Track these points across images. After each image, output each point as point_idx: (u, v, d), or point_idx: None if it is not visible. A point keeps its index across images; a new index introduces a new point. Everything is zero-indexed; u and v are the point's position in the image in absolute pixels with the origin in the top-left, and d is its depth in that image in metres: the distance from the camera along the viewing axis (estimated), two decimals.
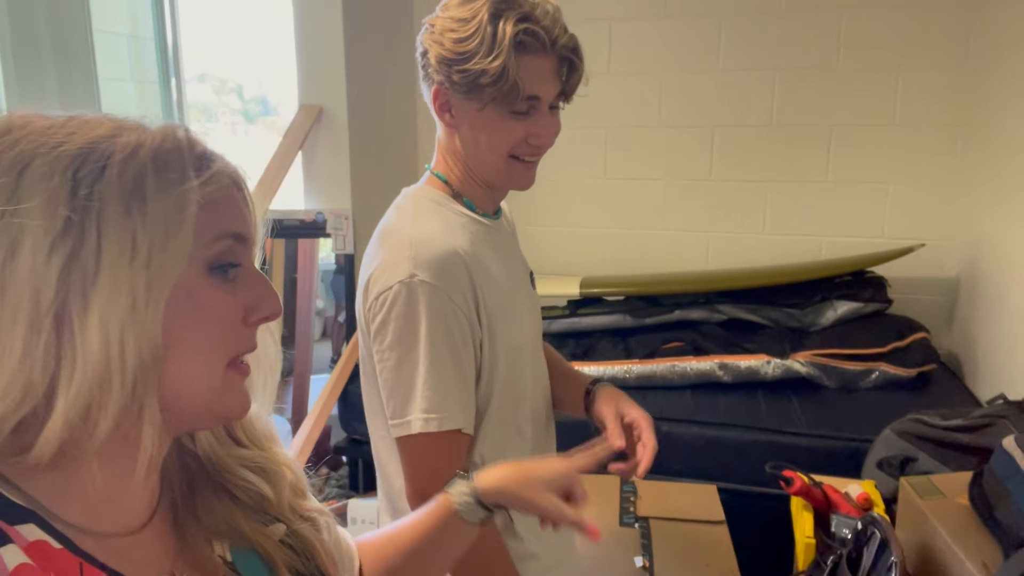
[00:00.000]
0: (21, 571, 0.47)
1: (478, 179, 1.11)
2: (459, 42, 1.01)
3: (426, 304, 0.99)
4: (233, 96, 5.62)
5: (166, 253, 0.50)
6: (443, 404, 1.00)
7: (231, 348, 0.56)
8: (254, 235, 0.60)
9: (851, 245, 2.73)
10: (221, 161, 0.57)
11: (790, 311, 2.52)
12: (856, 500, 1.58)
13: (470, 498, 0.78)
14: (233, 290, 0.56)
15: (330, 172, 2.65)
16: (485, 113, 1.04)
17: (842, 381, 2.32)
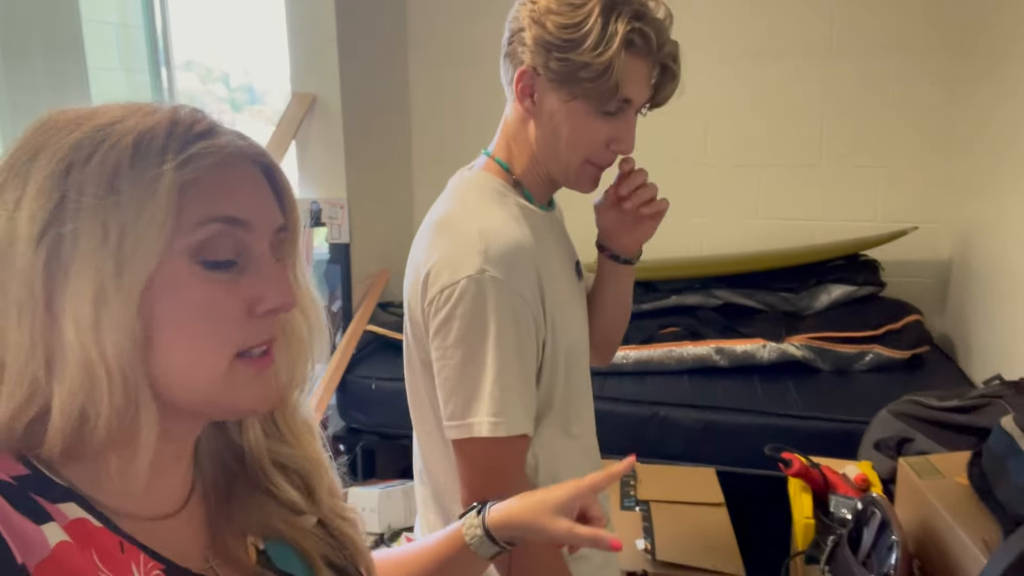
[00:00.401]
0: (61, 549, 0.47)
1: (542, 172, 1.06)
2: (565, 28, 0.95)
3: (495, 301, 0.93)
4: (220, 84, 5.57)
5: (138, 240, 0.49)
6: (510, 407, 0.95)
7: (232, 341, 0.53)
8: (265, 219, 0.56)
9: (844, 229, 2.74)
10: (222, 140, 0.53)
11: (785, 295, 2.54)
12: (854, 481, 1.60)
13: (480, 532, 0.76)
14: (232, 280, 0.53)
15: (324, 161, 2.63)
16: (572, 106, 0.99)
17: (837, 364, 2.35)
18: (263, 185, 0.58)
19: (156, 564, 0.53)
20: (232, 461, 0.64)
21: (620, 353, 2.38)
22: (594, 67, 0.95)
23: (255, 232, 0.55)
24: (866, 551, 1.24)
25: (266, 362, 0.56)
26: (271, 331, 0.56)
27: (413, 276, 1.02)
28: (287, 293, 0.56)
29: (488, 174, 1.06)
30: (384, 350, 2.59)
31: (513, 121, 1.06)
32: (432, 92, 3.06)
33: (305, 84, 2.59)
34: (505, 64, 1.03)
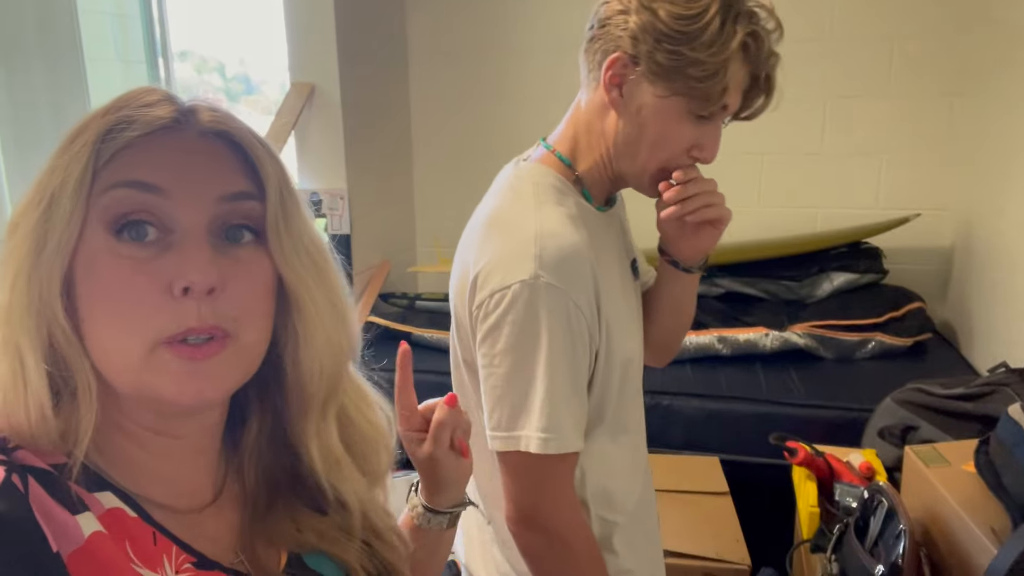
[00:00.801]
0: (95, 539, 0.47)
1: (610, 171, 0.98)
2: (681, 18, 0.87)
3: (549, 309, 0.87)
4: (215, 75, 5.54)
5: (53, 219, 0.49)
6: (561, 423, 0.89)
7: (147, 325, 0.49)
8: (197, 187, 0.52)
9: (846, 216, 2.74)
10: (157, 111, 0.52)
11: (787, 283, 2.53)
12: (859, 469, 1.61)
13: (421, 509, 0.76)
14: (149, 258, 0.50)
15: (324, 151, 2.62)
16: (667, 103, 0.91)
17: (839, 352, 2.35)
18: (213, 153, 0.54)
19: (188, 556, 0.53)
20: (281, 476, 0.62)
21: None
22: (707, 66, 0.88)
23: (176, 201, 0.51)
24: (873, 539, 1.25)
25: (202, 352, 0.51)
26: (203, 318, 0.50)
27: (460, 276, 0.96)
28: (203, 270, 0.50)
29: (546, 168, 0.98)
30: (385, 341, 2.58)
31: (589, 111, 0.97)
32: (432, 81, 3.04)
33: (303, 74, 2.58)
34: (591, 47, 0.94)
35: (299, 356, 0.58)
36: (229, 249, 0.53)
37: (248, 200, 0.54)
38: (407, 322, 2.60)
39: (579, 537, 0.95)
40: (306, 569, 0.60)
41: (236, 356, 0.53)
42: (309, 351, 0.57)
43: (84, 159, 0.49)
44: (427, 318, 2.63)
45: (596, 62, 0.93)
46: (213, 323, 0.51)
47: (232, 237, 0.54)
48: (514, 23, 2.89)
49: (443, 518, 0.76)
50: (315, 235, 0.58)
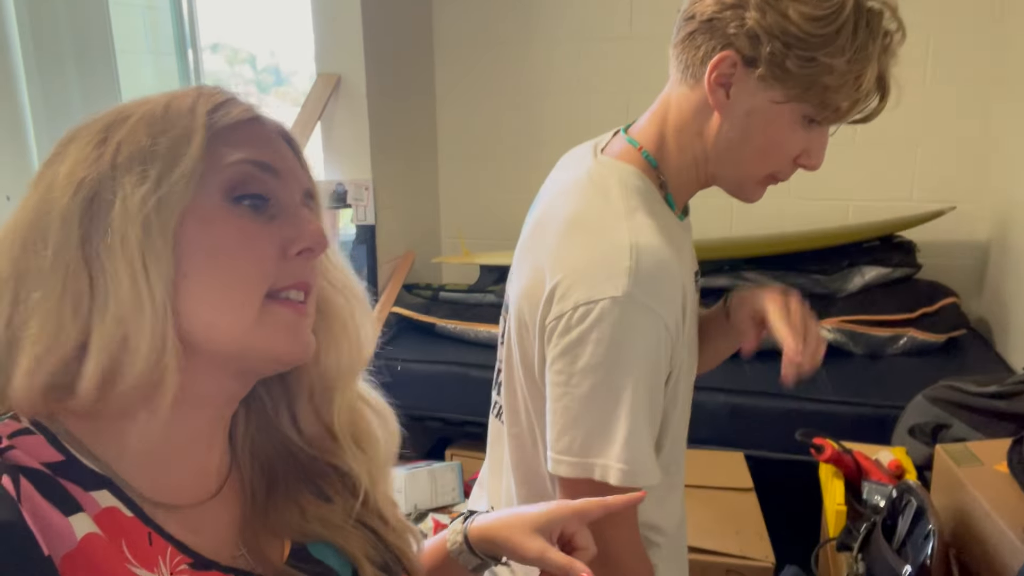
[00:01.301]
0: (89, 541, 0.47)
1: (703, 175, 0.91)
2: (815, 20, 0.79)
3: (641, 332, 0.80)
4: (246, 66, 5.60)
5: (175, 177, 0.51)
6: (643, 455, 0.82)
7: (264, 280, 0.54)
8: (295, 175, 0.58)
9: (879, 209, 2.67)
10: (246, 104, 0.57)
11: (816, 277, 2.48)
12: (887, 467, 1.57)
13: (461, 540, 0.73)
14: (266, 222, 0.55)
15: (349, 142, 2.62)
16: (784, 109, 0.83)
17: (869, 348, 2.30)
18: (289, 150, 0.59)
19: (183, 558, 0.52)
20: (279, 463, 0.62)
21: None
22: (844, 74, 0.80)
23: (286, 183, 0.57)
24: (900, 539, 1.22)
25: (303, 308, 0.56)
26: (306, 274, 0.57)
27: (531, 278, 0.88)
28: (321, 235, 0.57)
29: (632, 168, 0.90)
30: (409, 332, 2.59)
31: (685, 110, 0.88)
32: (458, 72, 3.03)
33: (330, 64, 2.58)
34: (690, 41, 0.85)
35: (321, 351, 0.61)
36: None
37: (313, 202, 0.60)
38: (431, 313, 2.60)
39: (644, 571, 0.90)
40: (310, 559, 0.60)
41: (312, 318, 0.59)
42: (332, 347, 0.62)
43: (202, 130, 0.52)
44: (451, 309, 2.63)
45: (698, 58, 0.85)
46: (313, 281, 0.58)
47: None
48: (540, 13, 2.87)
49: (476, 561, 0.73)
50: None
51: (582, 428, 0.82)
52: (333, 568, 0.60)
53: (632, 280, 0.79)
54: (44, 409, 0.50)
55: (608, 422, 0.81)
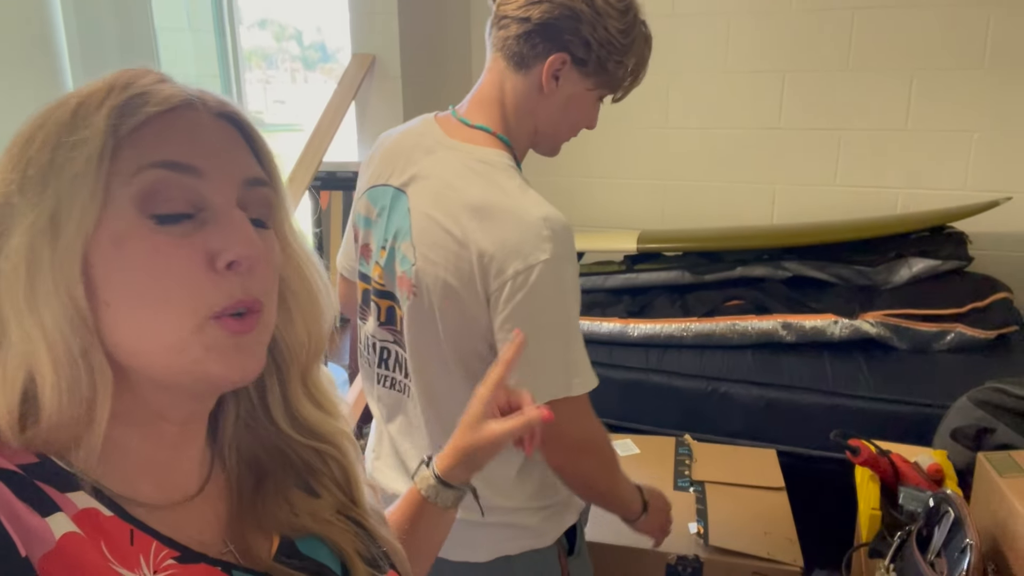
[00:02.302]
0: (68, 540, 0.46)
1: (530, 143, 1.14)
2: (623, 32, 1.06)
3: (568, 280, 1.01)
4: (293, 43, 5.62)
5: (73, 196, 0.47)
6: (586, 367, 1.05)
7: (193, 300, 0.49)
8: (225, 168, 0.52)
9: (930, 198, 2.57)
10: (168, 90, 0.51)
11: (861, 268, 2.39)
12: (927, 471, 1.51)
13: (433, 481, 0.78)
14: (186, 233, 0.50)
15: (383, 123, 2.60)
16: (590, 94, 1.11)
17: (914, 343, 2.21)
18: (229, 135, 0.54)
19: (170, 551, 0.51)
20: (266, 458, 0.62)
21: (680, 325, 2.30)
22: (633, 68, 1.10)
23: (210, 181, 0.51)
24: (936, 551, 1.16)
25: (246, 326, 0.51)
26: (247, 290, 0.51)
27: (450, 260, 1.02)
28: (249, 243, 0.51)
29: (501, 152, 1.08)
30: None
31: (520, 94, 1.09)
32: None
33: (365, 45, 2.56)
34: (530, 38, 1.05)
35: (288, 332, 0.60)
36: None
37: (263, 187, 0.55)
38: None
39: (608, 442, 1.14)
40: (299, 555, 0.59)
41: (265, 332, 0.54)
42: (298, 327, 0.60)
43: (102, 133, 0.48)
44: None
45: (533, 54, 1.06)
46: (254, 296, 0.52)
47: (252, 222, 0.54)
48: None
49: (451, 494, 0.78)
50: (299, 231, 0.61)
51: (554, 364, 1.03)
52: (323, 563, 0.59)
53: (553, 244, 0.98)
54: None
55: (568, 352, 1.03)
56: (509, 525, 1.14)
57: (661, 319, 2.34)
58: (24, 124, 0.50)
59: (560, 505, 1.18)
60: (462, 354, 1.06)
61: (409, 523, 0.77)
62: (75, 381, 0.47)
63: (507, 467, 1.13)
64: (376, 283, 1.15)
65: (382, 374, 1.20)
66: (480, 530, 1.11)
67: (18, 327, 0.47)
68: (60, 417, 0.47)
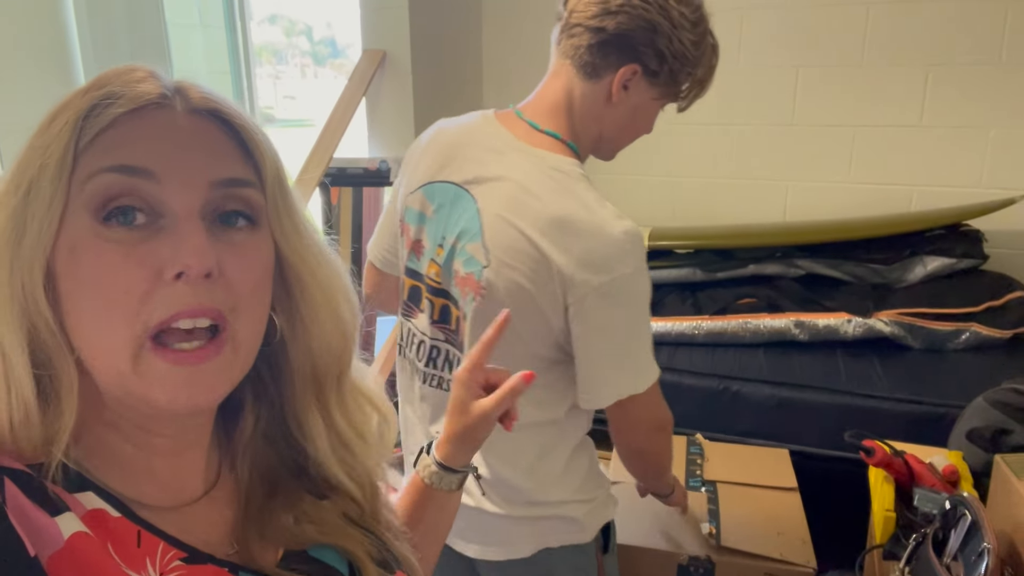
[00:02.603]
0: (76, 540, 0.46)
1: (588, 151, 1.17)
2: (694, 45, 1.08)
3: (646, 291, 1.07)
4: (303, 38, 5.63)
5: (36, 202, 0.46)
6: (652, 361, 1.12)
7: (134, 313, 0.46)
8: (190, 169, 0.49)
9: (945, 195, 2.54)
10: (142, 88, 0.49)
11: (875, 267, 2.37)
12: (942, 472, 1.49)
13: (434, 467, 0.78)
14: (136, 242, 0.47)
15: (394, 119, 2.60)
16: (656, 103, 1.15)
17: (929, 342, 2.19)
18: (204, 133, 0.51)
19: (177, 552, 0.51)
20: (282, 470, 0.60)
21: (691, 323, 2.29)
22: (701, 79, 1.14)
23: (168, 185, 0.48)
24: (952, 555, 1.15)
25: (195, 357, 0.48)
26: (199, 302, 0.47)
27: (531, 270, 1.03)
28: (199, 254, 0.47)
29: (573, 162, 1.09)
30: None
31: (588, 101, 1.11)
32: (506, 51, 2.97)
33: (375, 40, 2.55)
34: (604, 48, 1.07)
35: (309, 338, 0.57)
36: (224, 233, 0.50)
37: (243, 187, 0.51)
38: None
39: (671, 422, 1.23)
40: (305, 558, 0.58)
41: (232, 357, 0.50)
42: (317, 331, 0.57)
43: (64, 139, 0.47)
44: None
45: (605, 63, 1.08)
46: (210, 305, 0.48)
47: (226, 221, 0.51)
48: None
49: (454, 478, 0.78)
50: (308, 215, 0.57)
51: (631, 363, 1.09)
52: (330, 564, 0.59)
53: (634, 257, 1.04)
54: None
55: (643, 353, 1.09)
56: (555, 518, 1.16)
57: (672, 317, 2.32)
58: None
59: (603, 499, 1.22)
60: (527, 357, 1.08)
61: (416, 510, 0.77)
62: (17, 387, 0.46)
63: (555, 462, 1.16)
64: (431, 281, 1.13)
65: (429, 372, 1.17)
66: (524, 525, 1.16)
67: None
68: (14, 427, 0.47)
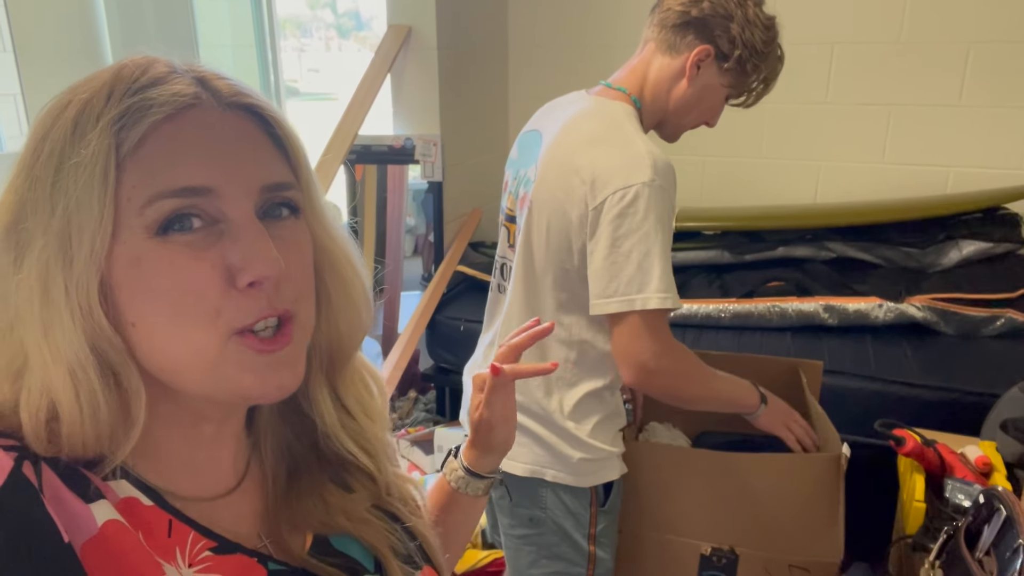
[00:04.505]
0: (109, 527, 0.46)
1: (656, 121, 1.29)
2: (765, 43, 1.23)
3: (664, 204, 1.14)
4: (327, 11, 5.61)
5: (81, 226, 0.45)
6: (670, 286, 1.15)
7: (214, 315, 0.48)
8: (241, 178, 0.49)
9: (983, 178, 2.47)
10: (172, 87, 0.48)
11: (908, 250, 2.32)
12: (974, 463, 1.46)
13: (461, 472, 0.79)
14: (201, 243, 0.48)
15: (419, 96, 2.57)
16: (724, 90, 1.27)
17: (962, 328, 2.13)
18: (244, 134, 0.51)
19: (207, 542, 0.51)
20: (302, 453, 0.61)
21: (718, 306, 2.26)
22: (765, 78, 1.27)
23: (226, 196, 0.48)
24: (984, 549, 1.12)
25: (277, 344, 0.50)
26: (272, 306, 0.49)
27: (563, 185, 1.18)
28: (270, 262, 0.48)
29: (628, 107, 1.24)
30: (474, 291, 2.56)
31: (663, 74, 1.26)
32: (532, 27, 2.92)
33: (401, 16, 2.52)
34: (685, 29, 1.22)
35: (332, 319, 0.58)
36: (272, 226, 0.51)
37: (288, 190, 0.52)
38: None
39: (689, 357, 1.24)
40: (332, 551, 0.58)
41: (302, 339, 0.53)
42: (343, 312, 0.58)
43: (104, 153, 0.46)
44: None
45: (684, 43, 1.24)
46: (282, 308, 0.50)
47: (272, 214, 0.52)
48: None
49: (481, 484, 0.79)
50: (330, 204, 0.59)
51: (625, 275, 1.14)
52: (355, 558, 0.59)
53: (653, 171, 1.13)
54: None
55: (647, 268, 1.13)
56: (553, 450, 1.25)
57: (698, 299, 2.29)
58: (32, 127, 0.48)
59: (606, 457, 1.28)
60: (554, 264, 1.22)
61: (441, 512, 0.78)
62: (94, 405, 0.47)
63: (569, 390, 1.26)
64: (507, 211, 1.35)
65: (498, 283, 1.39)
66: (522, 446, 1.26)
67: (37, 354, 0.46)
68: (84, 437, 0.47)
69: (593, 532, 1.30)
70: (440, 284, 2.53)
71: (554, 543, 1.30)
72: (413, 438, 2.35)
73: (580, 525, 1.29)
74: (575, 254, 1.19)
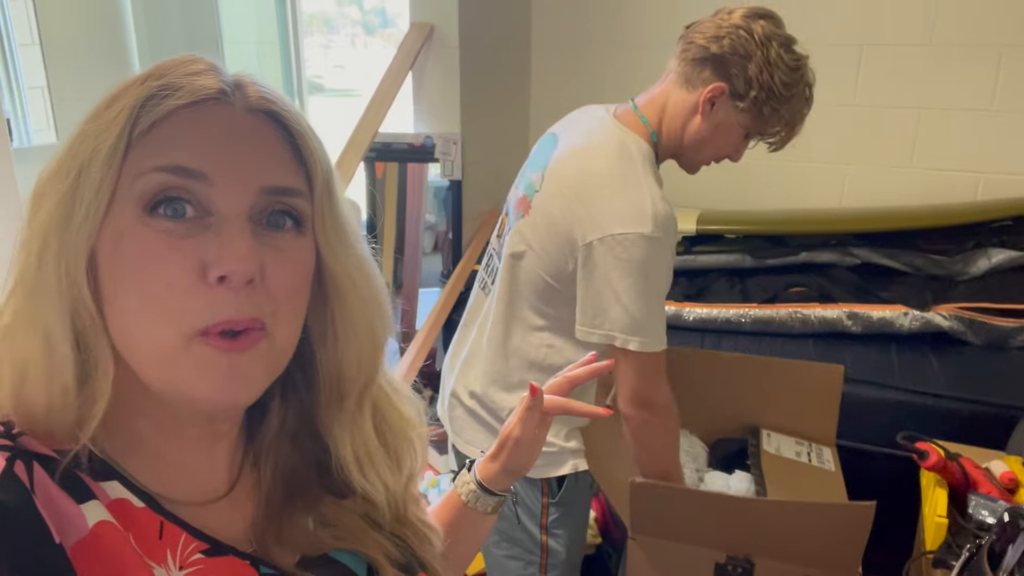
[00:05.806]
0: (101, 528, 0.46)
1: (670, 152, 1.30)
2: (786, 86, 1.20)
3: (660, 256, 1.17)
4: (354, 7, 5.64)
5: (85, 192, 0.46)
6: (662, 332, 1.21)
7: (184, 310, 0.46)
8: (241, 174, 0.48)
9: (1015, 184, 2.40)
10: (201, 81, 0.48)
11: (936, 258, 2.26)
12: (999, 479, 1.42)
13: (474, 486, 0.78)
14: (182, 234, 0.47)
15: (440, 94, 2.56)
16: (740, 130, 1.25)
17: (990, 339, 2.08)
18: (260, 134, 0.50)
19: (199, 544, 0.51)
20: (304, 472, 0.59)
21: (739, 311, 2.22)
22: (787, 122, 1.25)
23: (221, 188, 0.48)
24: (1008, 570, 1.09)
25: (239, 344, 0.48)
26: (239, 311, 0.47)
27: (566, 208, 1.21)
28: (244, 259, 0.47)
29: (644, 144, 1.24)
30: None
31: (679, 108, 1.26)
32: (555, 27, 2.90)
33: (423, 13, 2.51)
34: (700, 63, 1.22)
35: (339, 348, 0.56)
36: (269, 235, 0.50)
37: (292, 196, 0.51)
38: None
39: (673, 410, 1.28)
40: (325, 560, 0.57)
41: (270, 353, 0.50)
42: (350, 342, 0.56)
43: (119, 127, 0.46)
44: None
45: (700, 78, 1.23)
46: (251, 315, 0.48)
47: (273, 223, 0.50)
48: None
49: (491, 501, 0.79)
50: (355, 222, 0.56)
51: (612, 314, 1.19)
52: (348, 567, 0.58)
53: (654, 223, 1.15)
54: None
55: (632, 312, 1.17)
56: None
57: (718, 304, 2.26)
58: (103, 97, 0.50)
59: (559, 452, 1.32)
60: (535, 276, 1.26)
61: (449, 526, 0.76)
62: (62, 372, 0.46)
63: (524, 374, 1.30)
64: (508, 203, 1.39)
65: (483, 280, 1.43)
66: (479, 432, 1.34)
67: (21, 313, 0.47)
68: (51, 404, 0.47)
69: (544, 522, 1.35)
70: (458, 283, 2.52)
71: (511, 527, 1.36)
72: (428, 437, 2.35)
73: (532, 515, 1.35)
74: (565, 277, 1.23)
